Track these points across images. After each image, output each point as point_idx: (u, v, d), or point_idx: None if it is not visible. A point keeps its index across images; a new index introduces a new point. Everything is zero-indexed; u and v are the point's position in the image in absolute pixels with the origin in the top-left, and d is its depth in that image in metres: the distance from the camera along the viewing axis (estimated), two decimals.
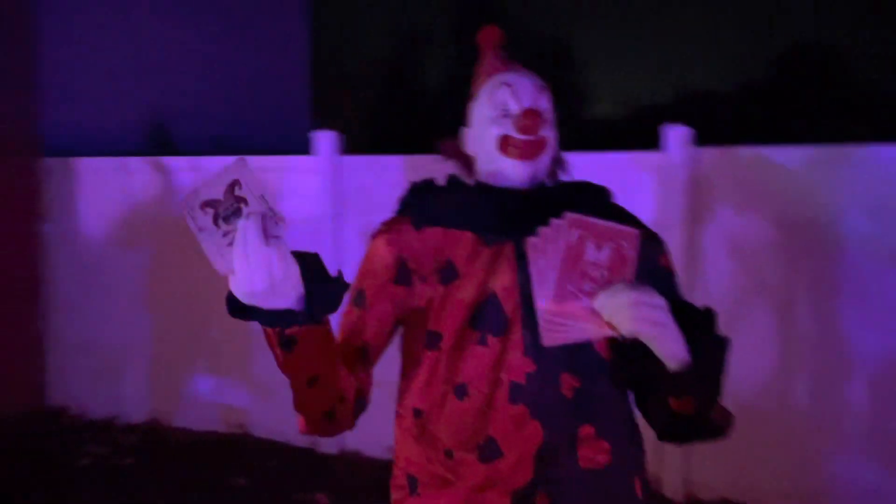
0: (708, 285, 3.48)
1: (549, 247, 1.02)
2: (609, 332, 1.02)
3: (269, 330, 0.99)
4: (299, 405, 1.08)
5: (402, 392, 1.24)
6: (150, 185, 4.27)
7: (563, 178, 1.31)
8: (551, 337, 1.02)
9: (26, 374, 4.55)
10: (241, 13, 7.72)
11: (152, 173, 4.24)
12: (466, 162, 1.32)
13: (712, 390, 1.06)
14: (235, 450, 4.02)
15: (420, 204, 1.25)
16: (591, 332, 1.03)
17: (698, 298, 3.41)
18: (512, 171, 1.21)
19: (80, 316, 4.56)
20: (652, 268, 1.23)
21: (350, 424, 1.16)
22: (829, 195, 3.26)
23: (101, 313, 4.49)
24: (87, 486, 3.62)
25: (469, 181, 1.28)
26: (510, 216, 1.18)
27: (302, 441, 4.04)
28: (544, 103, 1.24)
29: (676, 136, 3.45)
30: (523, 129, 1.19)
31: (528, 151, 1.20)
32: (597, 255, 1.02)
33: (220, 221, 0.96)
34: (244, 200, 0.96)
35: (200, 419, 4.23)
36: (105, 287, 4.43)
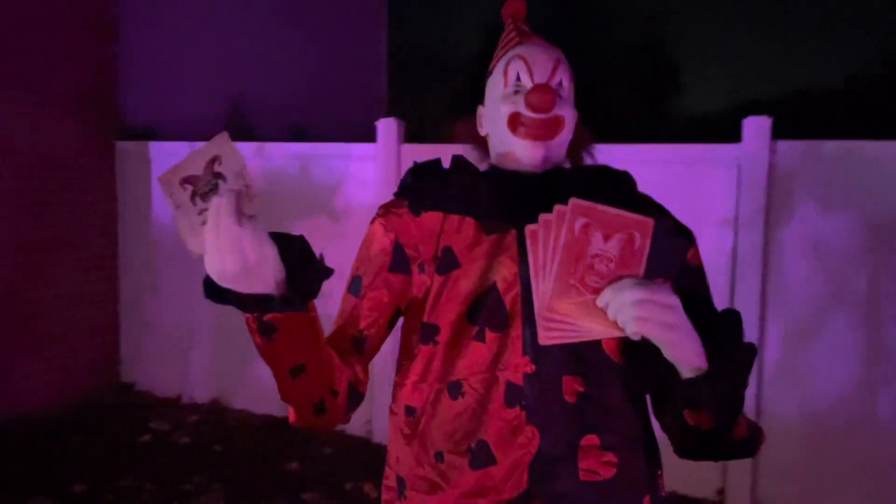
0: (786, 289, 3.25)
1: (550, 235, 0.91)
2: (615, 333, 0.91)
3: (248, 316, 0.92)
4: (285, 396, 1.01)
5: (396, 388, 1.15)
6: None
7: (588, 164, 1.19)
8: (549, 335, 0.92)
9: (102, 350, 4.71)
10: (321, 4, 7.80)
11: None
12: (482, 144, 1.22)
13: (732, 403, 0.94)
14: (292, 435, 4.04)
15: (420, 187, 1.15)
16: (593, 331, 0.92)
17: (774, 303, 3.27)
18: (523, 153, 1.11)
19: (152, 296, 4.69)
20: (678, 264, 1.11)
21: (343, 418, 1.08)
22: None
23: (171, 294, 4.60)
24: (142, 462, 3.71)
25: (481, 164, 1.18)
26: (515, 202, 1.08)
27: (359, 430, 4.02)
28: (562, 79, 1.13)
29: (755, 127, 3.23)
30: (534, 107, 1.07)
31: (540, 131, 1.09)
32: (604, 246, 0.91)
33: (197, 199, 0.90)
34: (222, 177, 0.90)
35: (261, 402, 4.28)
36: (175, 269, 4.52)
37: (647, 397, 1.11)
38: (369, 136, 3.96)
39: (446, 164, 1.16)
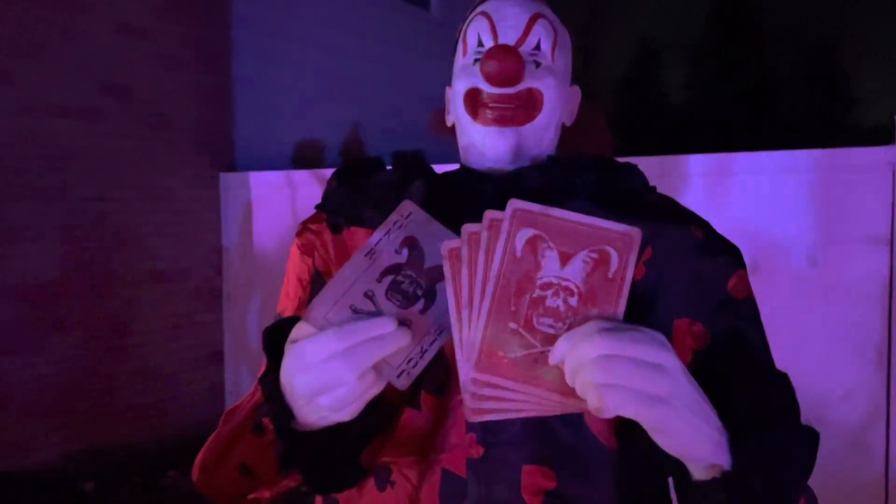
0: None
1: (478, 255, 0.61)
2: (575, 407, 0.58)
3: (269, 406, 0.68)
4: (213, 477, 0.79)
5: None
6: (316, 197, 4.24)
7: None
8: (479, 407, 0.60)
9: (209, 379, 4.72)
10: (427, 30, 7.73)
11: (317, 185, 4.21)
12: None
13: None
14: None
15: (340, 196, 0.85)
16: (543, 404, 0.59)
17: None
18: (485, 142, 0.80)
19: (256, 326, 4.64)
20: (715, 296, 0.75)
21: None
22: None
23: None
24: None
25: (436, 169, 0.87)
26: (457, 212, 0.73)
27: None
28: (539, 39, 0.81)
29: None
30: (490, 76, 0.77)
31: (504, 111, 0.78)
32: (561, 271, 0.60)
33: (389, 293, 0.64)
34: (433, 296, 0.64)
35: None
36: (276, 300, 4.45)
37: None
38: None
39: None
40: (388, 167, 0.87)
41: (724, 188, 3.03)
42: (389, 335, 0.59)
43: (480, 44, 0.82)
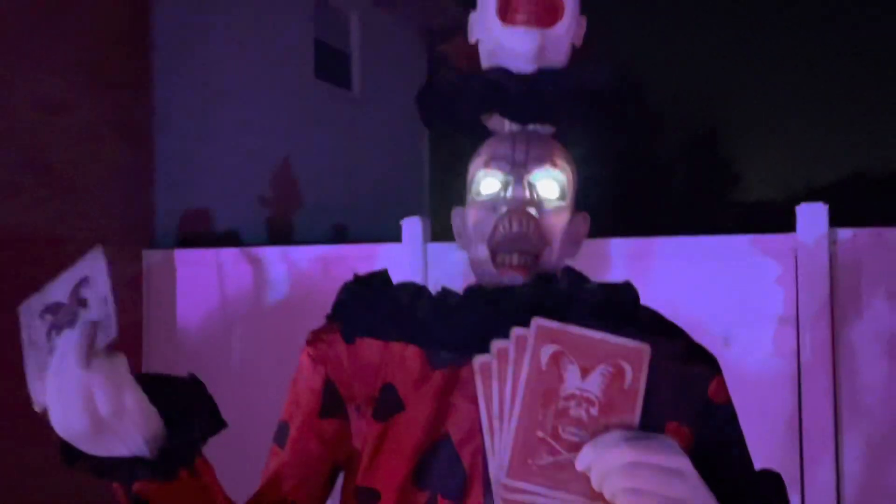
0: (861, 396, 2.85)
1: (507, 370, 0.67)
2: None
3: (115, 486, 0.71)
4: None
5: None
6: (244, 276, 4.20)
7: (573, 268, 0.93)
8: None
9: None
10: (348, 109, 7.91)
11: (243, 264, 4.18)
12: (471, 57, 0.99)
13: None
14: None
15: (354, 306, 0.91)
16: None
17: (850, 413, 2.87)
18: (512, 42, 0.92)
19: None
20: (696, 402, 0.85)
21: None
22: None
23: None
24: None
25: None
26: (471, 327, 0.82)
27: None
28: None
29: (810, 214, 2.94)
30: None
31: (533, 14, 0.91)
32: (581, 383, 0.67)
33: (53, 333, 0.72)
34: (85, 304, 0.71)
35: None
36: (203, 381, 4.34)
37: None
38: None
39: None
40: (384, 278, 0.94)
41: (644, 270, 3.22)
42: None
43: None
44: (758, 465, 0.86)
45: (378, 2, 8.08)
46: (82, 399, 0.64)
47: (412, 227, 3.67)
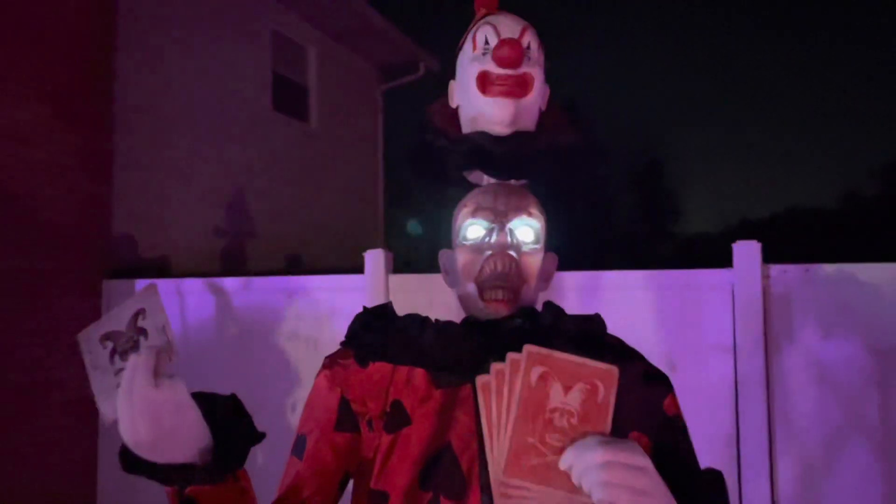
0: (794, 419, 3.08)
1: (504, 388, 0.82)
2: (582, 501, 0.79)
3: (168, 489, 0.83)
4: None
5: None
6: (206, 306, 4.25)
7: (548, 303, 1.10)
8: None
9: (79, 495, 4.45)
10: (305, 141, 8.01)
11: (206, 294, 4.23)
12: (453, 119, 1.17)
13: None
14: None
15: (367, 335, 1.06)
16: (558, 500, 0.80)
17: (783, 435, 3.10)
18: (492, 111, 1.07)
19: None
20: (654, 415, 1.01)
21: None
22: None
23: None
24: None
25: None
26: (468, 352, 0.98)
27: None
28: (530, 42, 1.10)
29: (745, 251, 3.18)
30: (502, 59, 1.05)
31: (508, 87, 1.06)
32: (564, 398, 0.82)
33: (116, 357, 0.84)
34: (145, 333, 0.83)
35: None
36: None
37: None
38: (361, 267, 3.93)
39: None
40: (391, 311, 1.09)
41: (595, 301, 3.42)
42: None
43: (487, 42, 1.10)
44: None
45: (335, 37, 8.25)
46: (150, 414, 0.77)
47: (375, 258, 3.80)
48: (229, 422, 0.86)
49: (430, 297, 3.61)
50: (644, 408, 1.00)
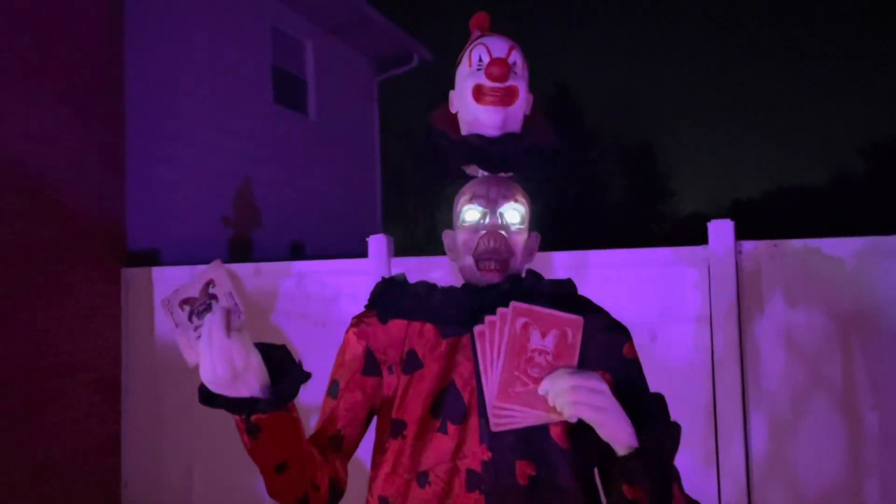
0: (765, 382, 3.37)
1: (495, 334, 1.05)
2: (556, 418, 1.03)
3: (237, 418, 1.04)
4: (271, 491, 1.12)
5: (371, 480, 1.27)
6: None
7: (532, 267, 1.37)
8: (499, 423, 1.04)
9: (104, 471, 4.74)
10: (305, 132, 8.23)
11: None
12: (453, 123, 1.41)
13: (662, 476, 1.05)
14: None
15: (386, 298, 1.33)
16: (537, 417, 1.03)
17: (755, 397, 3.38)
18: (485, 117, 1.31)
19: (155, 421, 4.75)
20: (615, 357, 1.27)
21: None
22: (884, 287, 3.16)
23: (174, 418, 4.68)
24: None
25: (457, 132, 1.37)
26: (468, 310, 1.24)
27: None
28: (516, 60, 1.35)
29: (720, 229, 3.46)
30: (492, 75, 1.29)
31: (498, 98, 1.30)
32: (542, 342, 1.04)
33: (194, 317, 1.06)
34: (216, 297, 1.06)
35: None
36: (178, 392, 4.62)
37: (597, 477, 1.23)
38: (363, 252, 4.19)
39: (413, 278, 1.37)
40: (405, 280, 1.36)
41: (582, 278, 3.69)
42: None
43: (480, 60, 1.33)
44: (681, 443, 1.26)
45: (332, 30, 8.47)
46: (224, 358, 0.98)
47: (378, 243, 4.07)
48: (283, 365, 1.07)
49: (428, 277, 3.88)
50: (607, 351, 1.26)
